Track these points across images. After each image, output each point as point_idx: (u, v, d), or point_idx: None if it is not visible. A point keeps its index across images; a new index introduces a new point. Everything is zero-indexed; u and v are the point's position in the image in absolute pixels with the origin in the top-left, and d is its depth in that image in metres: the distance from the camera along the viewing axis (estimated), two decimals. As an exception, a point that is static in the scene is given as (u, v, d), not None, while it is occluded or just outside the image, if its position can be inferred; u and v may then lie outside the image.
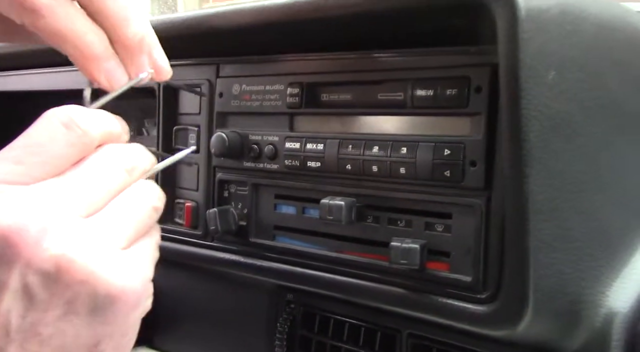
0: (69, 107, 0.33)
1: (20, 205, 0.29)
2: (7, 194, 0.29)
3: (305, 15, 0.49)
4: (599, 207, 0.43)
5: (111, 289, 0.30)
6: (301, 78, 0.53)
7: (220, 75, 0.59)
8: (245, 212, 0.57)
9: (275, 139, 0.54)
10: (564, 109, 0.39)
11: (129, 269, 0.31)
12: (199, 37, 0.56)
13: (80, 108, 0.33)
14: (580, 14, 0.41)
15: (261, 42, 0.57)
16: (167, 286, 0.69)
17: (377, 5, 0.44)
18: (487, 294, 0.43)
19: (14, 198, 0.29)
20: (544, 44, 0.38)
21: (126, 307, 0.31)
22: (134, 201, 0.33)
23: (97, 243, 0.30)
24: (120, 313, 0.31)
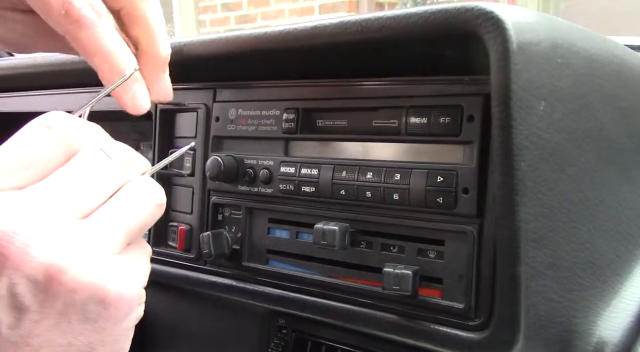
0: (53, 112, 0.32)
1: (6, 211, 0.28)
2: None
3: (301, 43, 0.49)
4: (589, 236, 0.44)
5: (103, 296, 0.29)
6: (297, 104, 0.54)
7: (217, 100, 0.60)
8: (239, 236, 0.58)
9: (270, 163, 0.55)
10: (555, 139, 0.40)
11: (122, 274, 0.30)
12: (197, 62, 0.57)
13: (63, 112, 0.32)
14: (571, 47, 0.42)
15: (258, 68, 0.58)
16: (159, 309, 0.69)
17: (373, 34, 0.45)
18: (479, 322, 0.43)
19: (1, 204, 0.28)
20: (535, 75, 0.39)
21: (119, 314, 0.30)
22: (133, 198, 0.32)
23: (89, 249, 0.29)
24: (113, 320, 0.30)
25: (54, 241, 0.28)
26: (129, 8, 0.40)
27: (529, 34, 0.39)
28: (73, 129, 0.32)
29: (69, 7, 0.36)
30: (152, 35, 0.40)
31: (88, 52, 0.38)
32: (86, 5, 0.37)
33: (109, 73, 0.38)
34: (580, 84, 0.42)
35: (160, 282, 0.65)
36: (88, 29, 0.37)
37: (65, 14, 0.36)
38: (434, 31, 0.42)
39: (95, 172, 0.31)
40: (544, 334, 0.41)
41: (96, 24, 0.37)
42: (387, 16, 0.44)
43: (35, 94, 0.78)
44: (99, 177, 0.31)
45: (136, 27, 0.40)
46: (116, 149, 0.32)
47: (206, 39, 0.55)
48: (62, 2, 0.36)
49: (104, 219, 0.30)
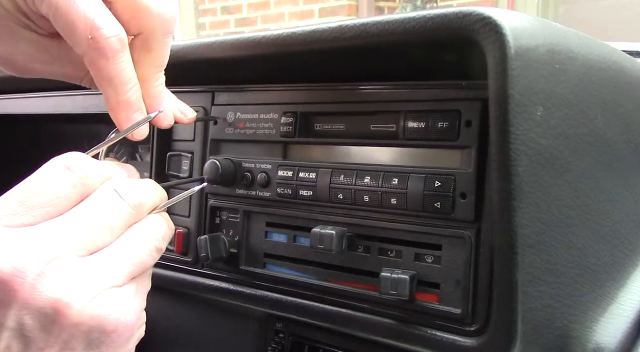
0: (73, 153, 0.34)
1: (19, 248, 0.30)
2: (7, 237, 0.30)
3: (300, 47, 0.49)
4: (587, 241, 0.44)
5: (105, 326, 0.31)
6: (295, 108, 0.54)
7: (215, 103, 0.60)
8: (236, 240, 0.57)
9: (268, 167, 0.55)
10: (552, 144, 0.40)
11: (122, 305, 0.32)
12: (195, 65, 0.57)
13: (82, 154, 0.34)
14: (568, 53, 0.42)
15: (256, 72, 0.58)
16: (156, 313, 0.68)
17: (372, 39, 0.45)
18: (476, 327, 0.43)
19: (14, 241, 0.30)
20: (532, 81, 0.39)
21: (121, 340, 0.32)
22: (137, 240, 0.34)
23: (93, 283, 0.31)
24: (115, 345, 0.32)
25: (60, 277, 0.30)
26: (149, 38, 0.41)
27: (526, 40, 0.39)
28: (90, 171, 0.34)
29: (97, 34, 0.37)
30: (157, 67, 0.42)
31: (103, 78, 0.39)
32: (114, 35, 0.38)
33: (116, 103, 0.40)
34: (578, 89, 0.42)
35: (157, 286, 0.65)
36: (109, 59, 0.38)
37: (92, 38, 0.37)
38: (432, 36, 0.42)
39: (106, 212, 0.33)
40: (541, 340, 0.41)
41: (118, 55, 0.38)
42: (385, 21, 0.44)
43: (32, 96, 0.78)
44: (109, 217, 0.33)
45: (146, 55, 0.41)
46: (130, 190, 0.34)
47: (205, 42, 0.55)
48: (90, 27, 0.37)
49: (110, 257, 0.32)
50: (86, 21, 0.37)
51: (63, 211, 0.32)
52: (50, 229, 0.31)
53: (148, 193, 0.36)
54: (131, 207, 0.34)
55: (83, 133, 0.84)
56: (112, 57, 0.38)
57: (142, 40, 0.41)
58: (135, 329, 0.33)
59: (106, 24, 0.38)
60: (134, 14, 0.40)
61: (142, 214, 0.35)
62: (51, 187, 0.32)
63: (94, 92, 0.70)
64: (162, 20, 0.41)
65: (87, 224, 0.32)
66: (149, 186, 0.36)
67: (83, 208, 0.33)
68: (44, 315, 0.30)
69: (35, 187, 0.32)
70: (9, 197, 0.32)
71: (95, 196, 0.33)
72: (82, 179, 0.33)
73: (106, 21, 0.38)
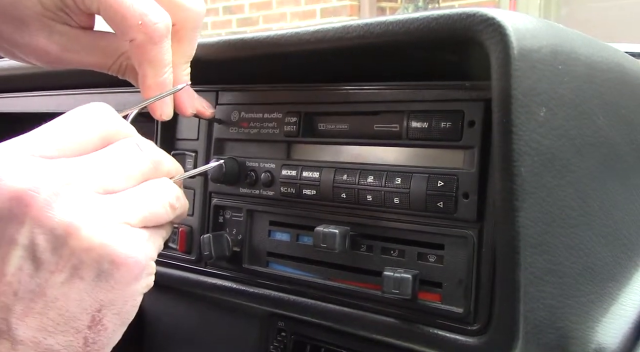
0: (102, 104, 0.35)
1: (38, 171, 0.31)
2: (27, 161, 0.31)
3: (304, 48, 0.50)
4: (589, 242, 0.44)
5: (115, 257, 0.32)
6: (299, 107, 0.54)
7: (219, 103, 0.60)
8: (239, 238, 0.58)
9: (272, 166, 0.55)
10: (555, 145, 0.40)
11: (133, 242, 0.33)
12: (199, 65, 0.57)
13: (111, 108, 0.36)
14: (571, 54, 0.43)
15: (260, 72, 0.58)
16: (159, 310, 0.69)
17: (375, 39, 0.45)
18: (478, 326, 0.43)
19: (32, 164, 0.31)
20: (535, 82, 0.39)
21: (129, 276, 0.33)
22: (153, 191, 0.35)
23: (106, 214, 0.32)
24: (123, 281, 0.32)
25: (74, 203, 0.31)
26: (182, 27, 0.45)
27: (530, 41, 0.39)
28: (116, 123, 0.35)
29: (147, 20, 0.41)
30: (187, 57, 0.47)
31: (146, 61, 0.42)
32: (161, 21, 0.41)
33: (154, 83, 0.43)
34: (581, 90, 0.43)
35: (160, 284, 0.65)
36: (156, 43, 0.41)
37: (142, 24, 0.40)
38: (436, 37, 0.42)
39: (126, 160, 0.34)
40: (543, 340, 0.41)
41: (164, 40, 0.42)
42: (389, 21, 0.44)
43: (35, 95, 0.78)
44: (128, 165, 0.34)
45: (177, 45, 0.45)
46: (150, 147, 0.36)
47: (209, 42, 0.55)
48: (140, 14, 0.41)
49: (125, 198, 0.33)
50: (136, 9, 0.41)
51: (84, 153, 0.33)
52: (68, 162, 0.32)
53: (167, 157, 0.38)
54: (150, 161, 0.35)
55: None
56: (159, 41, 0.42)
57: (174, 32, 0.44)
58: (145, 272, 0.34)
59: (155, 12, 0.41)
60: (170, 7, 0.43)
61: (159, 174, 0.36)
62: (77, 129, 0.33)
63: (97, 92, 0.71)
64: (193, 14, 0.45)
65: (107, 166, 0.33)
66: (167, 154, 0.38)
67: (104, 152, 0.34)
68: (55, 236, 0.31)
69: (62, 127, 0.33)
70: (36, 132, 0.33)
71: (117, 144, 0.35)
72: (107, 127, 0.34)
73: (155, 9, 0.42)
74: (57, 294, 0.31)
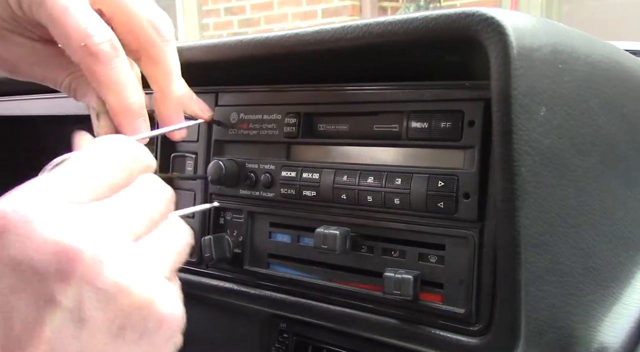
0: (122, 137, 0.34)
1: (80, 222, 0.29)
2: (69, 211, 0.29)
3: (304, 48, 0.50)
4: (590, 241, 0.44)
5: (160, 314, 0.30)
6: (298, 108, 0.54)
7: (218, 104, 0.60)
8: (240, 240, 0.58)
9: (272, 167, 0.55)
10: (556, 144, 0.40)
11: (173, 296, 0.31)
12: (198, 67, 0.57)
13: (129, 138, 0.34)
14: (572, 53, 0.42)
15: (259, 73, 0.58)
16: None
17: (375, 40, 0.45)
18: (479, 327, 0.43)
19: (75, 215, 0.29)
20: (535, 81, 0.39)
21: (170, 333, 0.31)
22: (174, 233, 0.33)
23: (147, 270, 0.30)
24: (163, 339, 0.31)
25: (120, 258, 0.29)
26: (149, 50, 0.43)
27: (529, 40, 0.39)
28: (139, 157, 0.33)
29: (89, 41, 0.39)
30: (169, 77, 0.44)
31: (101, 84, 0.40)
32: (105, 41, 0.39)
33: (118, 105, 0.41)
34: (581, 89, 0.42)
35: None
36: (104, 64, 0.39)
37: (85, 46, 0.39)
38: (435, 37, 0.42)
39: (150, 202, 0.33)
40: (545, 340, 0.41)
41: (112, 60, 0.40)
42: (388, 21, 0.44)
43: (34, 98, 0.78)
44: (149, 204, 0.33)
45: (154, 67, 0.43)
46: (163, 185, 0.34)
47: (208, 44, 0.55)
48: (83, 35, 0.39)
49: (155, 245, 0.32)
50: (78, 29, 0.39)
51: (110, 193, 0.32)
52: (101, 209, 0.30)
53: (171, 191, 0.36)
54: (164, 199, 0.34)
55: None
56: (107, 62, 0.40)
57: (146, 55, 0.43)
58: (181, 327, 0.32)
59: (97, 31, 0.39)
60: (130, 29, 0.42)
61: (170, 209, 0.35)
62: (106, 169, 0.32)
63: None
64: (156, 30, 0.43)
65: (135, 211, 0.32)
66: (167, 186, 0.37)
67: (130, 194, 0.32)
68: (105, 294, 0.28)
69: (91, 167, 0.31)
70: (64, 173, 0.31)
71: (140, 183, 0.33)
72: (131, 164, 0.33)
73: (97, 28, 0.40)
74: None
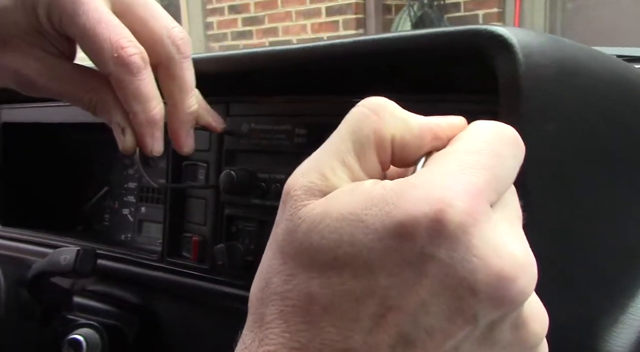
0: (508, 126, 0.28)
1: (512, 242, 0.24)
2: (504, 230, 0.24)
3: (314, 59, 0.51)
4: (598, 252, 0.45)
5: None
6: (308, 119, 0.55)
7: (229, 114, 0.61)
8: (252, 248, 0.59)
9: (282, 177, 0.56)
10: (564, 159, 0.41)
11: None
12: (211, 78, 0.58)
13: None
14: (577, 69, 0.43)
15: (271, 84, 0.59)
16: (173, 319, 0.70)
17: (385, 55, 0.46)
18: (488, 336, 0.44)
19: (508, 233, 0.24)
20: (543, 97, 0.39)
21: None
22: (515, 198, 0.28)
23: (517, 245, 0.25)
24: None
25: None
26: (168, 65, 0.44)
27: (537, 57, 0.40)
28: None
29: (122, 52, 0.40)
30: (185, 92, 0.45)
31: (128, 95, 0.42)
32: (137, 53, 0.41)
33: (143, 116, 0.43)
34: (588, 105, 0.43)
35: (173, 293, 0.67)
36: (134, 75, 0.41)
37: (118, 57, 0.40)
38: (444, 53, 0.43)
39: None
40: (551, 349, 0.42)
41: (141, 71, 0.41)
42: (397, 37, 0.45)
43: (54, 105, 0.80)
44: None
45: (171, 82, 0.44)
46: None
47: (218, 56, 0.56)
48: (115, 47, 0.40)
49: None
50: (111, 41, 0.41)
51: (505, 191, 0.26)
52: (510, 220, 0.25)
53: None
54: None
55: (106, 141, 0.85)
56: (137, 73, 0.41)
57: (164, 69, 0.44)
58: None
59: (129, 43, 0.41)
60: (151, 44, 0.43)
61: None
62: (505, 163, 0.25)
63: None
64: (176, 46, 0.44)
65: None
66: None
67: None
68: (520, 319, 0.25)
69: (496, 158, 0.25)
70: (473, 162, 0.24)
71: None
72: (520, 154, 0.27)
73: (129, 40, 0.41)
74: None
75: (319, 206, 0.24)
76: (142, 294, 0.71)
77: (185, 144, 0.48)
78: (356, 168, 0.26)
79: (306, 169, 0.27)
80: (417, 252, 0.22)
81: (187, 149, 0.49)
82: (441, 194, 0.22)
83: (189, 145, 0.49)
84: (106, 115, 0.45)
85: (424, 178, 0.23)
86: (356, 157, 0.26)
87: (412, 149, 0.27)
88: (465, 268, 0.22)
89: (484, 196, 0.23)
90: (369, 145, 0.26)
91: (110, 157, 0.87)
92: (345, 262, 0.22)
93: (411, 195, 0.22)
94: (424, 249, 0.22)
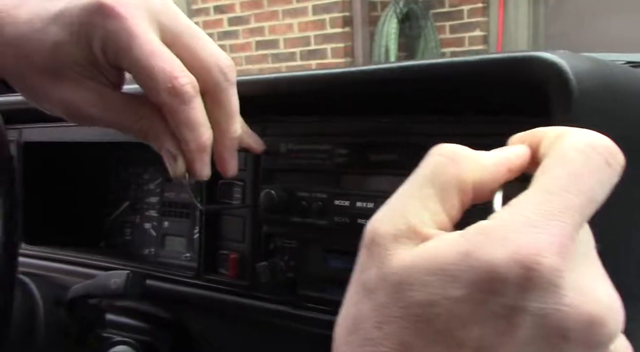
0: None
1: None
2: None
3: (354, 82, 0.52)
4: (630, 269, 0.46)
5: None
6: (348, 139, 0.56)
7: (266, 134, 0.62)
8: (292, 265, 0.60)
9: (324, 196, 0.57)
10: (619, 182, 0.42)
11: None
12: (246, 100, 0.59)
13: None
14: (618, 88, 0.45)
15: (308, 105, 0.60)
16: (210, 337, 0.71)
17: (428, 82, 0.47)
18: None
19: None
20: (594, 120, 0.41)
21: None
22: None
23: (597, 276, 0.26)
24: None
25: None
26: (215, 93, 0.45)
27: (587, 82, 0.41)
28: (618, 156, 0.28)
29: (176, 82, 0.41)
30: (231, 118, 0.47)
31: (181, 123, 0.43)
32: (189, 82, 0.42)
33: (194, 143, 0.44)
34: (632, 124, 0.45)
35: (209, 308, 0.68)
36: (187, 104, 0.42)
37: (172, 87, 0.41)
38: (491, 79, 0.44)
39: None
40: None
41: (193, 100, 0.42)
42: (442, 63, 0.46)
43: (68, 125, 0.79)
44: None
45: (217, 109, 0.46)
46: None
47: (261, 79, 0.57)
48: (169, 77, 0.41)
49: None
50: (165, 72, 0.42)
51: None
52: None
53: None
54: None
55: (128, 158, 0.86)
56: (189, 102, 0.42)
57: (211, 97, 0.45)
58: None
59: (182, 73, 0.42)
60: (199, 73, 0.44)
61: None
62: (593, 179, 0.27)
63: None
64: (223, 75, 0.45)
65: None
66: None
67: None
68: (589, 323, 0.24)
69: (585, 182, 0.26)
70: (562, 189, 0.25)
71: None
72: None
73: (182, 71, 0.43)
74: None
75: (409, 256, 0.25)
76: (173, 309, 0.72)
77: (230, 167, 0.50)
78: (439, 212, 0.27)
79: (390, 215, 0.28)
80: (509, 305, 0.23)
81: (232, 172, 0.50)
82: (529, 251, 0.23)
83: (232, 168, 0.50)
84: (157, 143, 0.46)
85: (510, 228, 0.24)
86: (439, 203, 0.27)
87: (488, 186, 0.28)
88: (557, 316, 0.23)
89: (573, 242, 0.24)
90: (452, 191, 0.27)
91: (129, 173, 0.87)
92: (437, 313, 0.23)
93: (499, 250, 0.23)
94: (515, 302, 0.22)
